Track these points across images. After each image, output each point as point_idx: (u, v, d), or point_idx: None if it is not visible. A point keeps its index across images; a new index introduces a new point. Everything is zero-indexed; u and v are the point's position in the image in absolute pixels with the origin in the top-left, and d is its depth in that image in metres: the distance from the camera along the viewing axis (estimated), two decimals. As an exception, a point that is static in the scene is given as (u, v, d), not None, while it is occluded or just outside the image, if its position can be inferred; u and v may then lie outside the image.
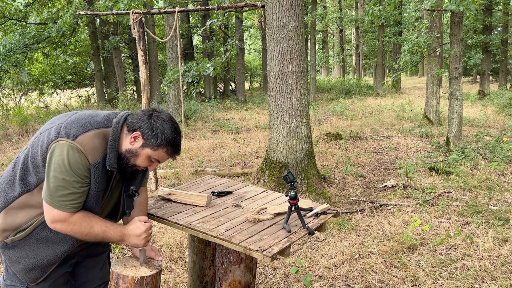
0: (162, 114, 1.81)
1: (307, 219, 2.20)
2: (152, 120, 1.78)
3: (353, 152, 8.06)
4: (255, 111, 14.69)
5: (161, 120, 1.78)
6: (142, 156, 1.79)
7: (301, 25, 5.32)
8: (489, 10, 16.73)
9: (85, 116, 1.79)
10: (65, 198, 1.68)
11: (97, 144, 1.72)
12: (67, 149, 1.66)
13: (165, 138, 1.76)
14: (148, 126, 1.76)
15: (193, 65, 6.94)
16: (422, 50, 7.64)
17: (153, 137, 1.76)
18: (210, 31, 18.20)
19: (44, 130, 1.77)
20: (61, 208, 1.68)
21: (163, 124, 1.77)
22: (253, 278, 2.24)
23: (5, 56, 10.95)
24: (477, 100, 16.03)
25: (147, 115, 1.79)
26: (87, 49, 19.57)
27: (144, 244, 1.89)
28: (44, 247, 1.79)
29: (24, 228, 1.76)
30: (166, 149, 1.80)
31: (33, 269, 1.79)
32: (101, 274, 2.11)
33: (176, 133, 1.81)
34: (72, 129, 1.70)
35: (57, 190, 1.66)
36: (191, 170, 6.63)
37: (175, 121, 1.85)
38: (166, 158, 1.84)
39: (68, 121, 1.74)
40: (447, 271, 3.40)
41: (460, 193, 5.40)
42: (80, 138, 1.69)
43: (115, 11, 6.64)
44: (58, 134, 1.69)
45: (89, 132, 1.72)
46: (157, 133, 1.76)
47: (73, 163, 1.66)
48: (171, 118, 1.83)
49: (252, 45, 36.02)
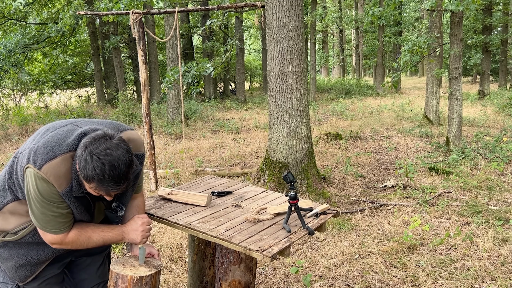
0: (96, 145, 1.59)
1: (307, 219, 2.20)
2: (82, 150, 1.61)
3: (353, 152, 8.06)
4: (255, 111, 14.69)
5: (88, 152, 1.58)
6: (86, 186, 1.66)
7: (301, 25, 5.32)
8: (489, 10, 16.73)
9: (57, 138, 1.69)
10: (53, 223, 1.70)
11: (62, 172, 1.64)
12: (34, 179, 1.62)
13: (86, 173, 1.58)
14: (79, 158, 1.61)
15: (193, 65, 6.94)
16: (422, 50, 7.64)
17: (79, 170, 1.61)
18: (210, 31, 18.20)
19: (27, 147, 1.72)
20: (54, 232, 1.72)
21: (88, 158, 1.57)
22: (253, 278, 2.24)
23: (5, 56, 10.96)
24: (477, 100, 16.04)
25: (84, 143, 1.62)
26: (87, 49, 19.58)
27: (141, 239, 1.91)
28: (35, 247, 1.82)
29: (14, 232, 1.78)
30: (93, 185, 1.61)
31: (23, 266, 1.81)
32: (99, 273, 2.11)
33: (103, 168, 1.56)
34: (38, 157, 1.63)
35: (42, 218, 1.68)
36: (191, 170, 6.63)
37: (115, 152, 1.60)
38: (99, 192, 1.66)
39: (39, 144, 1.67)
40: (447, 271, 3.40)
41: (460, 193, 5.40)
42: (45, 167, 1.62)
43: (115, 11, 6.64)
44: (28, 160, 1.65)
45: (55, 159, 1.63)
46: (80, 167, 1.60)
47: (43, 192, 1.63)
48: (106, 150, 1.58)
49: (252, 45, 36.02)
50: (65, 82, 20.20)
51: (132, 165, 1.66)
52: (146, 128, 5.82)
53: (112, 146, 1.61)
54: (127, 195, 1.96)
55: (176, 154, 8.04)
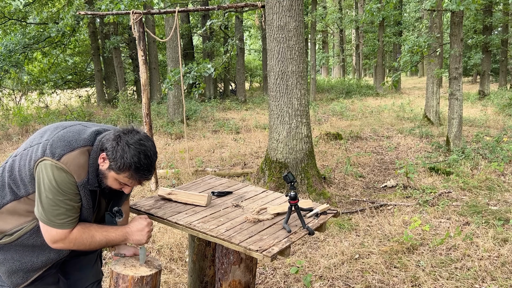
0: (130, 136, 1.71)
1: (307, 219, 2.20)
2: (115, 142, 1.70)
3: (353, 152, 8.06)
4: (255, 111, 14.69)
5: (124, 143, 1.68)
6: (110, 178, 1.74)
7: (301, 25, 5.32)
8: (489, 10, 16.73)
9: (72, 133, 1.75)
10: (62, 217, 1.69)
11: (82, 163, 1.70)
12: (52, 170, 1.65)
13: (125, 162, 1.67)
14: (111, 148, 1.69)
15: (194, 66, 6.93)
16: (422, 50, 7.64)
17: (113, 160, 1.69)
18: (210, 31, 18.20)
19: (34, 144, 1.75)
20: (59, 227, 1.70)
21: (125, 147, 1.67)
22: (253, 278, 2.24)
23: (6, 56, 10.96)
24: (477, 100, 16.03)
25: (115, 136, 1.71)
26: (87, 49, 19.58)
27: (146, 240, 1.92)
28: (29, 252, 1.80)
29: (11, 233, 1.76)
30: (128, 174, 1.70)
31: (16, 272, 1.80)
32: (93, 272, 2.11)
33: (140, 158, 1.68)
34: (57, 149, 1.68)
35: (51, 210, 1.67)
36: (191, 170, 6.63)
37: (147, 143, 1.73)
38: (131, 182, 1.75)
39: (55, 139, 1.71)
40: (447, 271, 3.40)
41: (460, 193, 5.40)
42: (65, 158, 1.67)
43: (115, 11, 6.64)
44: (44, 153, 1.68)
45: (74, 151, 1.69)
46: (116, 157, 1.67)
47: (61, 183, 1.65)
48: (140, 140, 1.71)
49: (252, 45, 36.02)
50: (65, 82, 20.20)
51: (157, 157, 1.79)
52: (146, 128, 5.82)
53: (143, 137, 1.74)
54: (123, 199, 1.99)
55: (176, 154, 8.04)
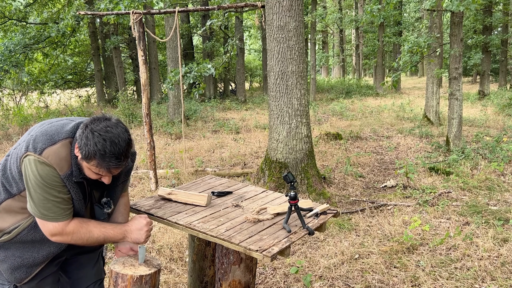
0: (96, 124, 1.67)
1: (307, 219, 2.20)
2: (81, 130, 1.68)
3: (353, 152, 8.06)
4: (255, 111, 14.69)
5: (89, 130, 1.65)
6: (84, 168, 1.71)
7: (301, 25, 5.32)
8: (489, 10, 16.73)
9: (56, 127, 1.75)
10: (55, 209, 1.70)
11: (63, 155, 1.69)
12: (36, 164, 1.65)
13: (88, 150, 1.63)
14: (79, 136, 1.68)
15: (194, 66, 6.94)
16: (422, 50, 7.64)
17: (80, 149, 1.67)
18: (210, 31, 18.20)
19: (22, 142, 1.76)
20: (54, 220, 1.71)
21: (89, 135, 1.64)
22: (253, 278, 2.24)
23: (6, 57, 10.96)
24: (477, 100, 16.04)
25: (83, 125, 1.69)
26: (87, 49, 19.57)
27: (145, 239, 1.92)
28: (30, 248, 1.81)
29: (9, 231, 1.77)
30: (94, 162, 1.66)
31: (18, 268, 1.81)
32: (94, 271, 2.11)
33: (105, 144, 1.63)
34: (39, 143, 1.68)
35: (43, 204, 1.68)
36: (191, 170, 6.63)
37: (114, 129, 1.68)
38: (101, 171, 1.70)
39: (38, 134, 1.72)
40: (447, 271, 3.40)
41: (460, 193, 5.41)
42: (46, 151, 1.67)
43: (115, 11, 6.64)
44: (27, 149, 1.69)
45: (56, 144, 1.69)
46: (81, 145, 1.66)
47: (45, 177, 1.65)
48: (106, 128, 1.66)
49: (252, 45, 36.03)
50: (65, 82, 20.20)
51: (130, 143, 1.74)
52: (146, 128, 5.82)
53: (111, 124, 1.69)
54: (117, 191, 1.97)
55: (176, 154, 8.04)
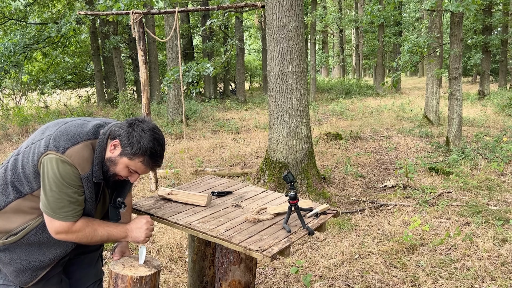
0: (144, 124, 1.77)
1: (307, 219, 2.20)
2: (131, 128, 1.74)
3: (353, 152, 8.06)
4: (255, 111, 14.69)
5: (140, 129, 1.74)
6: (120, 165, 1.76)
7: (301, 25, 5.32)
8: (489, 10, 16.73)
9: (75, 127, 1.77)
10: (66, 209, 1.71)
11: (86, 156, 1.72)
12: (57, 163, 1.66)
13: (141, 147, 1.71)
14: (126, 134, 1.73)
15: (193, 65, 6.94)
16: (422, 50, 7.64)
17: (128, 145, 1.72)
18: (210, 31, 18.20)
19: (36, 141, 1.77)
20: (63, 219, 1.72)
21: (141, 133, 1.73)
22: (253, 278, 2.24)
23: (6, 57, 10.95)
24: (477, 100, 16.03)
25: (129, 123, 1.77)
26: (87, 49, 19.57)
27: (145, 238, 1.93)
28: (36, 251, 1.81)
29: (16, 233, 1.77)
30: (142, 159, 1.74)
31: (23, 271, 1.80)
32: (94, 271, 2.12)
33: (155, 144, 1.74)
34: (61, 142, 1.69)
35: (56, 203, 1.69)
36: (191, 170, 6.63)
37: (159, 132, 1.80)
38: (143, 169, 1.78)
39: (57, 133, 1.73)
40: (447, 271, 3.40)
41: (460, 193, 5.40)
42: (69, 151, 1.69)
43: (115, 10, 6.64)
44: (47, 147, 1.69)
45: (78, 144, 1.71)
46: (133, 142, 1.72)
47: (65, 176, 1.67)
48: (154, 129, 1.78)
49: (252, 45, 36.01)
50: (65, 82, 20.19)
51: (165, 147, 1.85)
52: (146, 128, 5.81)
53: (155, 126, 1.81)
54: (126, 189, 2.00)
55: (176, 154, 8.04)
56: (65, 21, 9.36)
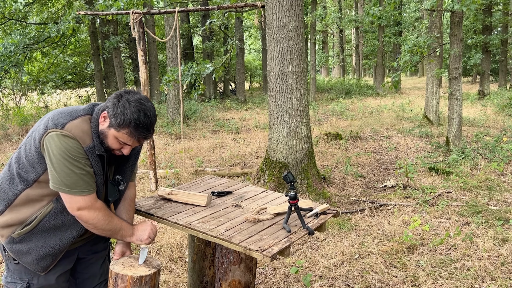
0: (130, 95, 1.77)
1: (307, 219, 2.20)
2: (116, 99, 1.76)
3: (353, 152, 8.06)
4: (255, 111, 14.69)
5: (125, 100, 1.74)
6: (110, 136, 1.77)
7: (301, 25, 5.32)
8: (489, 10, 16.73)
9: (71, 108, 1.83)
10: (81, 183, 1.73)
11: (85, 129, 1.76)
12: (59, 138, 1.69)
13: (124, 118, 1.72)
14: (112, 105, 1.75)
15: (193, 65, 6.94)
16: (422, 50, 7.64)
17: (113, 117, 1.74)
18: (210, 31, 18.20)
19: (35, 129, 1.81)
20: (82, 193, 1.74)
21: (125, 104, 1.73)
22: (253, 278, 2.24)
23: (6, 57, 10.95)
24: (477, 100, 16.03)
25: (116, 95, 1.78)
26: (87, 49, 19.57)
27: (147, 238, 1.96)
28: (52, 236, 1.83)
29: (29, 222, 1.79)
30: (127, 130, 1.75)
31: (44, 258, 1.83)
32: (101, 271, 2.13)
33: (140, 115, 1.73)
34: (59, 119, 1.74)
35: (69, 178, 1.70)
36: (191, 170, 6.63)
37: (146, 103, 1.78)
38: (130, 140, 1.78)
39: (55, 113, 1.79)
40: (447, 271, 3.40)
41: (460, 193, 5.40)
42: (68, 125, 1.72)
43: (114, 10, 6.64)
44: (47, 127, 1.72)
45: (76, 119, 1.76)
46: (117, 113, 1.73)
47: (69, 149, 1.69)
48: (140, 99, 1.77)
49: (252, 45, 36.01)
50: (65, 82, 20.19)
51: (156, 119, 1.84)
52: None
53: (143, 98, 1.80)
54: (127, 171, 2.02)
55: (176, 154, 8.04)
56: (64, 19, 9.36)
